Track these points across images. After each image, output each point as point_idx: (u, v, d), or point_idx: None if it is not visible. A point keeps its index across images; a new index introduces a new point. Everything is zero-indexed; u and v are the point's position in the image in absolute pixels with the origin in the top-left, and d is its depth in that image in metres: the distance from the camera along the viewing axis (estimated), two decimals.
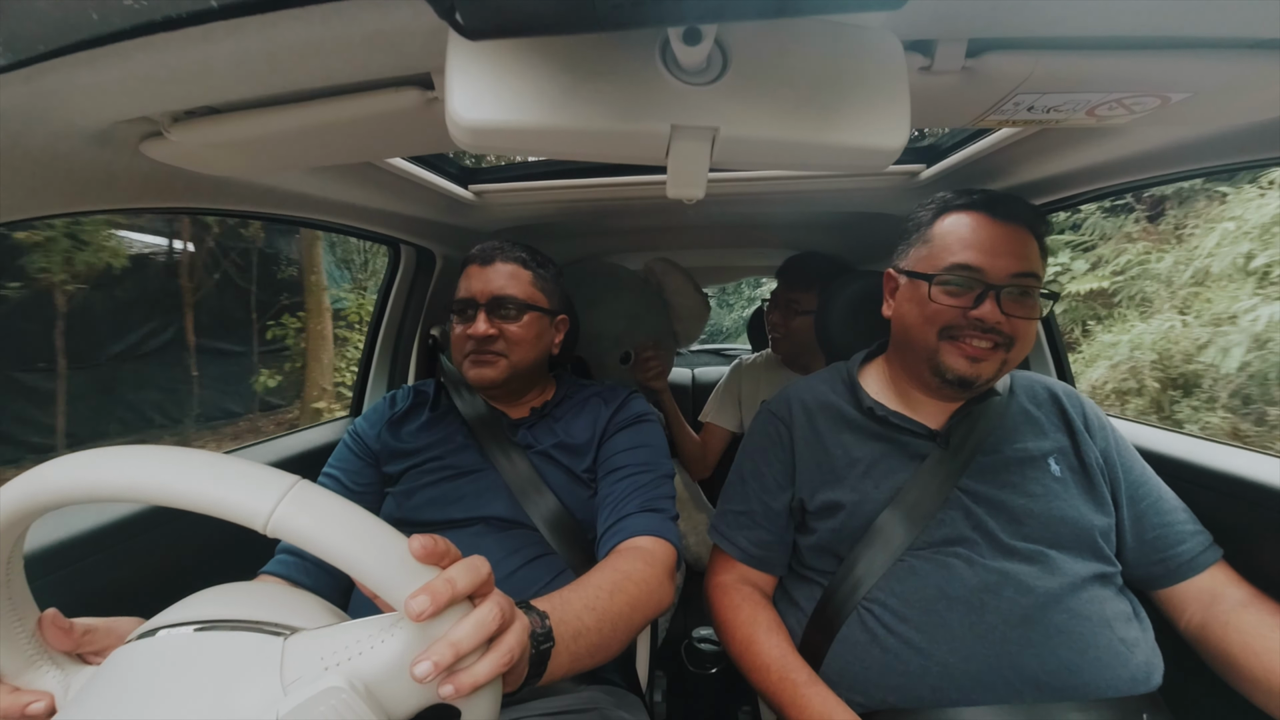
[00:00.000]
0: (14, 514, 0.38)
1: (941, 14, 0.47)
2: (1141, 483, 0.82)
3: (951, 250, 0.78)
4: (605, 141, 0.42)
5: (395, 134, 0.65)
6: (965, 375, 0.77)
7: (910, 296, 0.83)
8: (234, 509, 0.37)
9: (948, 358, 0.78)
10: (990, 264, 0.76)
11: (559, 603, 0.60)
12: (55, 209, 0.66)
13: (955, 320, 0.77)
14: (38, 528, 0.46)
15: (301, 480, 0.39)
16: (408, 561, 0.39)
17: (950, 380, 0.79)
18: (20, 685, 0.43)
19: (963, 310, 0.76)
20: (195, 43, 0.44)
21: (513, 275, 0.96)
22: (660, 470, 0.91)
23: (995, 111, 0.62)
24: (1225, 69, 0.52)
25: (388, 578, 0.38)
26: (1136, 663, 0.70)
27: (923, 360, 0.81)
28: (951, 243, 0.79)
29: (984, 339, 0.76)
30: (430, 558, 0.40)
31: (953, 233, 0.80)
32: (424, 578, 0.39)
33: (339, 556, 0.38)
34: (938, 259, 0.79)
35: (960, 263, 0.77)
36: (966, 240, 0.78)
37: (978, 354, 0.77)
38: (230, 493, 0.37)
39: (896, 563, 0.76)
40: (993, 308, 0.75)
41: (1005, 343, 0.76)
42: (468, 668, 0.40)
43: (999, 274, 0.75)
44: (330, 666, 0.38)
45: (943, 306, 0.78)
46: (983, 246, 0.77)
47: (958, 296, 0.77)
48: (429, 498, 0.90)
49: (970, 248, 0.77)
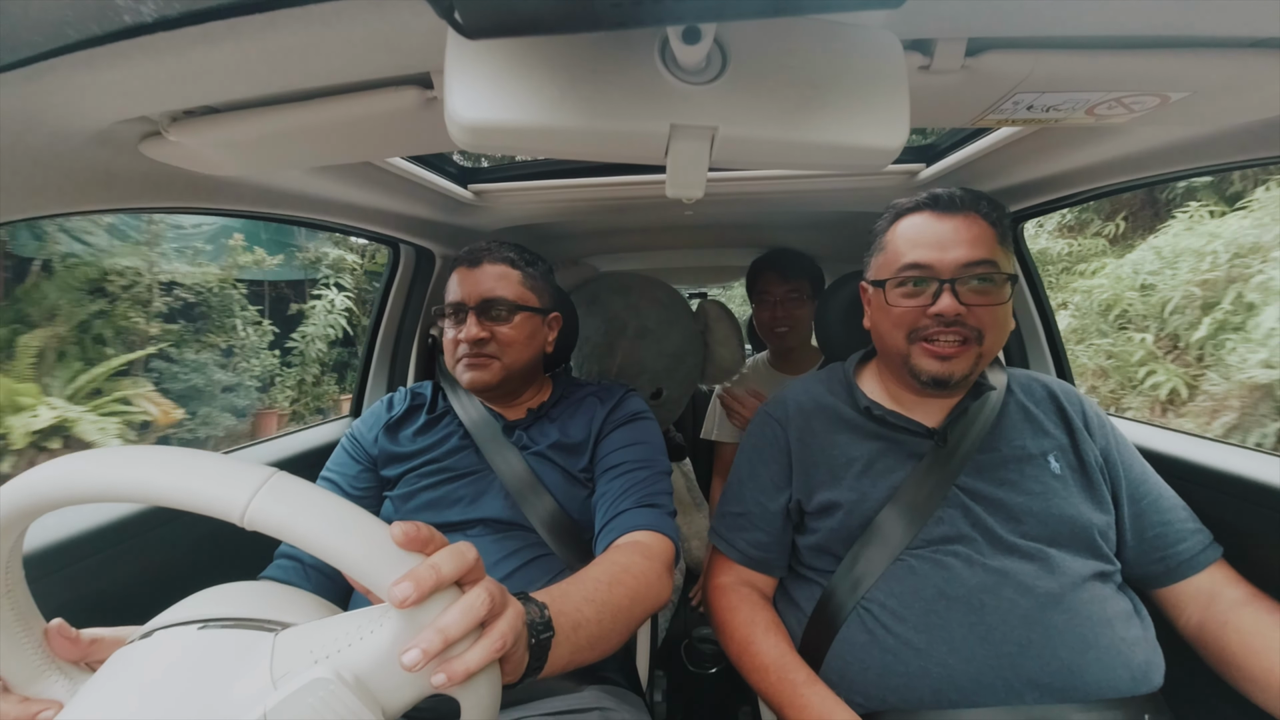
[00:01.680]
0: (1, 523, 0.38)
1: (941, 13, 0.47)
2: (1141, 481, 0.82)
3: (902, 252, 0.80)
4: (604, 141, 0.42)
5: (394, 134, 0.65)
6: (938, 375, 0.78)
7: (878, 305, 0.85)
8: (210, 502, 0.37)
9: (918, 360, 0.79)
10: (938, 258, 0.77)
11: (558, 594, 0.59)
12: (54, 209, 0.66)
13: (919, 321, 0.78)
14: (34, 530, 0.46)
15: (279, 472, 0.39)
16: (390, 549, 0.39)
17: (925, 382, 0.80)
18: (29, 695, 0.43)
19: (922, 309, 0.78)
20: (194, 42, 0.44)
21: (502, 276, 0.95)
22: (657, 467, 0.91)
23: (994, 111, 0.62)
24: (1225, 68, 0.52)
25: (371, 566, 0.38)
26: (1137, 662, 0.69)
27: (900, 365, 0.82)
28: (902, 245, 0.81)
29: (951, 334, 0.77)
30: (413, 544, 0.40)
31: (903, 235, 0.82)
32: (408, 565, 0.39)
33: (318, 546, 0.37)
34: (892, 263, 0.81)
35: (910, 262, 0.79)
36: (914, 240, 0.80)
37: (946, 352, 0.77)
38: (206, 486, 0.37)
39: (895, 562, 0.76)
40: (950, 301, 0.75)
41: (974, 336, 0.77)
42: (459, 655, 0.40)
43: (949, 266, 0.76)
44: (319, 659, 0.38)
45: (904, 309, 0.79)
46: (929, 243, 0.78)
47: (915, 296, 0.79)
48: (427, 501, 0.89)
49: (918, 246, 0.79)
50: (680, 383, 1.59)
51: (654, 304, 1.55)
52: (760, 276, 1.63)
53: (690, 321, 1.61)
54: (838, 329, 1.17)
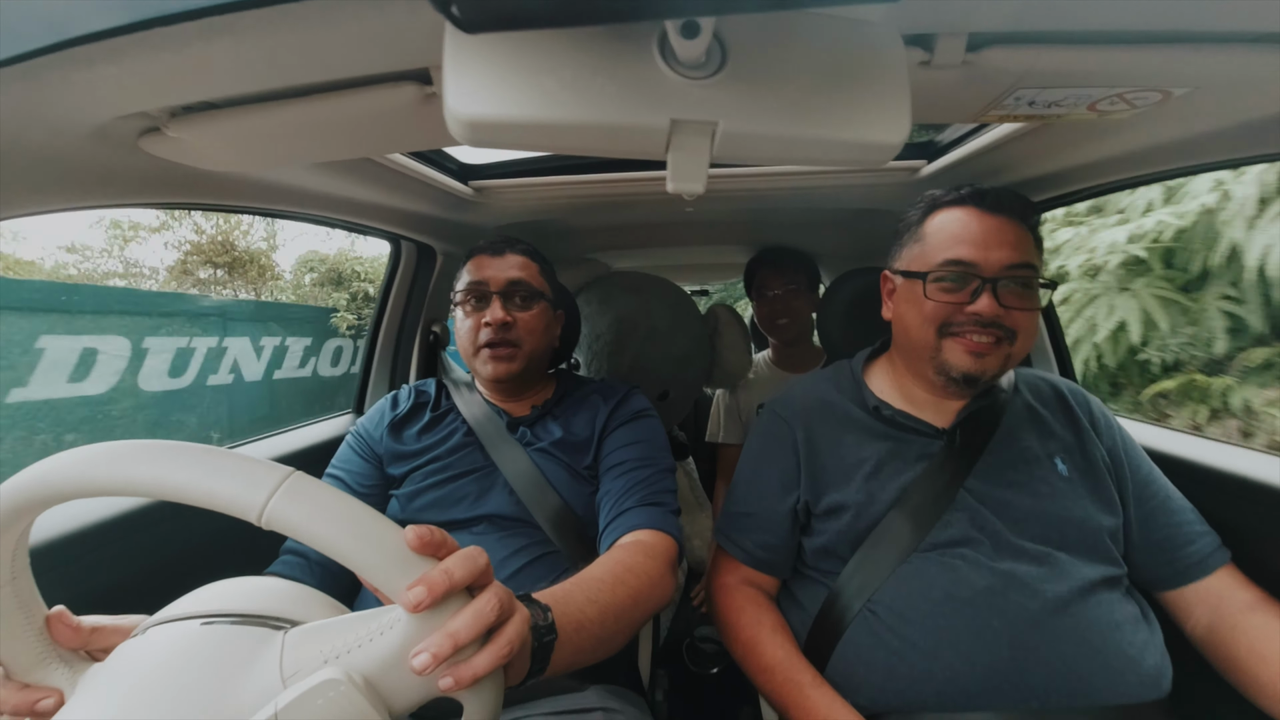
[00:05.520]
0: (10, 512, 0.38)
1: (941, 8, 0.46)
2: (1149, 482, 0.81)
3: (944, 246, 0.77)
4: (604, 136, 0.42)
5: (394, 129, 0.65)
6: (970, 371, 0.76)
7: (907, 297, 0.82)
8: (228, 501, 0.37)
9: (950, 355, 0.77)
10: (983, 257, 0.75)
11: (561, 595, 0.59)
12: (54, 205, 0.66)
13: (953, 316, 0.76)
14: (42, 522, 0.46)
15: (296, 472, 0.39)
16: (404, 553, 0.39)
17: (955, 378, 0.77)
18: (30, 682, 0.43)
19: (959, 306, 0.76)
20: (193, 38, 0.43)
21: (524, 265, 0.98)
22: (660, 465, 0.91)
23: (996, 106, 0.61)
24: (1227, 63, 0.52)
25: (384, 570, 0.38)
26: (1146, 668, 0.68)
27: (926, 360, 0.80)
28: (943, 239, 0.78)
29: (984, 334, 0.75)
30: (426, 548, 0.40)
31: (944, 229, 0.79)
32: (421, 569, 0.39)
33: (334, 548, 0.38)
34: (931, 256, 0.78)
35: (953, 258, 0.76)
36: (958, 235, 0.77)
37: (980, 348, 0.75)
38: (225, 485, 0.37)
39: (902, 564, 0.75)
40: (989, 301, 0.74)
41: (1007, 336, 0.75)
42: (467, 659, 0.40)
43: (993, 266, 0.74)
44: (329, 659, 0.38)
45: (939, 303, 0.77)
46: (975, 240, 0.76)
47: (953, 292, 0.76)
48: (432, 499, 0.89)
49: (962, 242, 0.76)
50: (686, 386, 1.59)
51: (665, 306, 1.55)
52: (757, 273, 1.66)
53: (699, 325, 1.61)
54: (840, 326, 1.17)
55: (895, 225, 0.90)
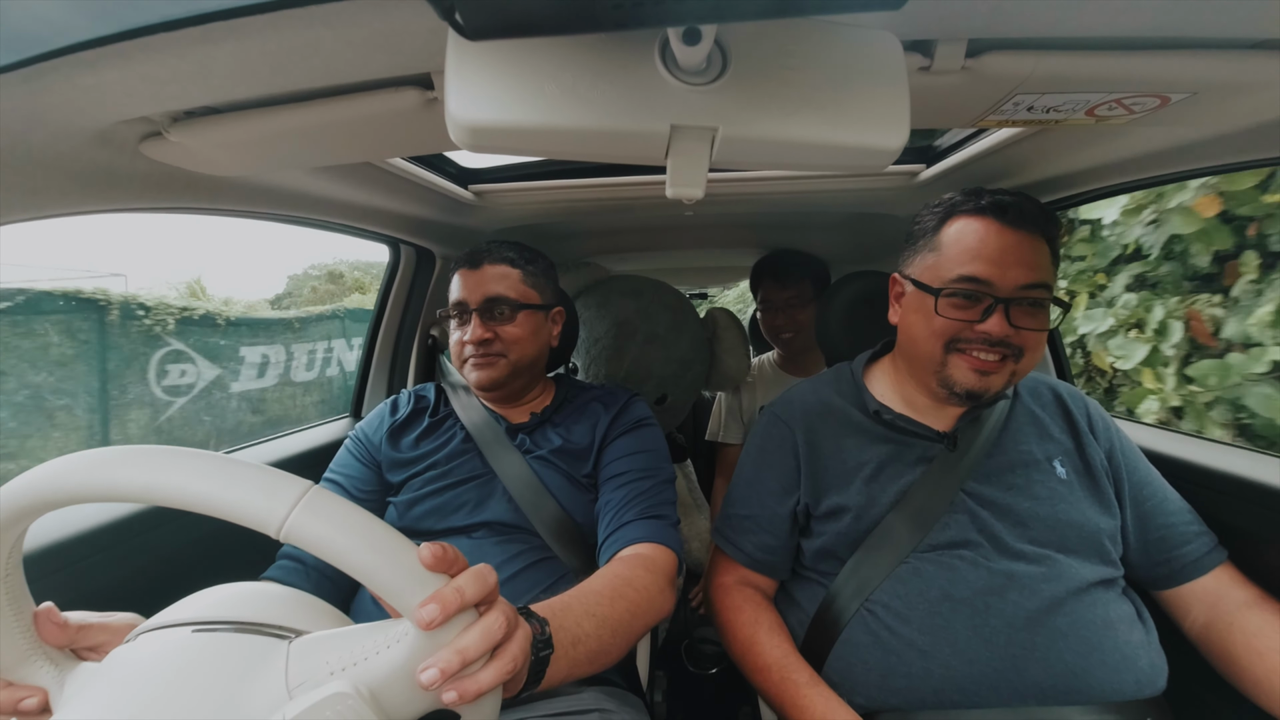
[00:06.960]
0: (18, 510, 0.38)
1: (941, 14, 0.47)
2: (1146, 483, 0.81)
3: (959, 261, 0.75)
4: (605, 142, 0.42)
5: (395, 134, 0.65)
6: (974, 389, 0.75)
7: (917, 307, 0.80)
8: (248, 514, 0.37)
9: (955, 371, 0.76)
10: (999, 275, 0.72)
11: (559, 608, 0.59)
12: (55, 210, 0.66)
13: (961, 332, 0.75)
14: (38, 526, 0.46)
15: (315, 486, 0.39)
16: (417, 570, 0.39)
17: (958, 393, 0.77)
18: (14, 680, 0.43)
19: (969, 323, 0.74)
20: (195, 43, 0.44)
21: (502, 276, 0.96)
22: (661, 475, 0.91)
23: (995, 111, 0.62)
24: (1226, 69, 0.52)
25: (398, 586, 0.38)
26: (1141, 666, 0.69)
27: (930, 373, 0.79)
28: (959, 252, 0.76)
29: (991, 352, 0.74)
30: (440, 566, 0.40)
31: (960, 241, 0.76)
32: (433, 585, 0.39)
33: (351, 564, 0.38)
34: (944, 269, 0.76)
35: (968, 274, 0.74)
36: (974, 250, 0.74)
37: (986, 366, 0.74)
38: (245, 497, 0.37)
39: (900, 564, 0.76)
40: (1000, 321, 0.72)
41: (1014, 354, 0.74)
42: (472, 675, 0.41)
43: (1008, 286, 0.73)
44: (336, 671, 0.38)
45: (949, 320, 0.75)
46: (991, 257, 0.73)
47: (964, 309, 0.75)
48: (431, 507, 0.89)
49: (978, 258, 0.74)
50: (685, 390, 1.59)
51: (664, 309, 1.55)
52: (761, 283, 1.65)
53: (699, 328, 1.61)
54: (838, 331, 1.17)
55: (895, 229, 0.90)
